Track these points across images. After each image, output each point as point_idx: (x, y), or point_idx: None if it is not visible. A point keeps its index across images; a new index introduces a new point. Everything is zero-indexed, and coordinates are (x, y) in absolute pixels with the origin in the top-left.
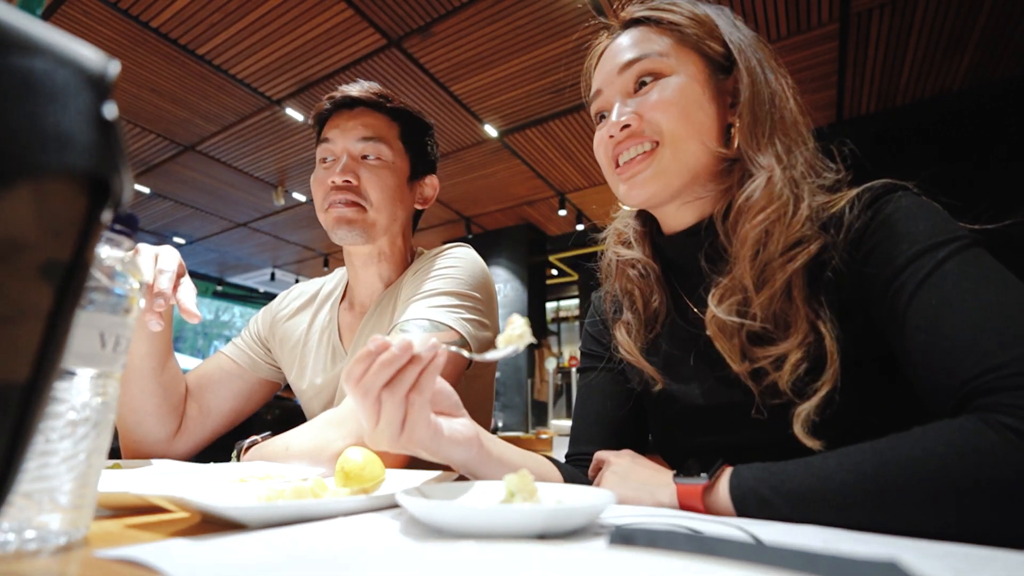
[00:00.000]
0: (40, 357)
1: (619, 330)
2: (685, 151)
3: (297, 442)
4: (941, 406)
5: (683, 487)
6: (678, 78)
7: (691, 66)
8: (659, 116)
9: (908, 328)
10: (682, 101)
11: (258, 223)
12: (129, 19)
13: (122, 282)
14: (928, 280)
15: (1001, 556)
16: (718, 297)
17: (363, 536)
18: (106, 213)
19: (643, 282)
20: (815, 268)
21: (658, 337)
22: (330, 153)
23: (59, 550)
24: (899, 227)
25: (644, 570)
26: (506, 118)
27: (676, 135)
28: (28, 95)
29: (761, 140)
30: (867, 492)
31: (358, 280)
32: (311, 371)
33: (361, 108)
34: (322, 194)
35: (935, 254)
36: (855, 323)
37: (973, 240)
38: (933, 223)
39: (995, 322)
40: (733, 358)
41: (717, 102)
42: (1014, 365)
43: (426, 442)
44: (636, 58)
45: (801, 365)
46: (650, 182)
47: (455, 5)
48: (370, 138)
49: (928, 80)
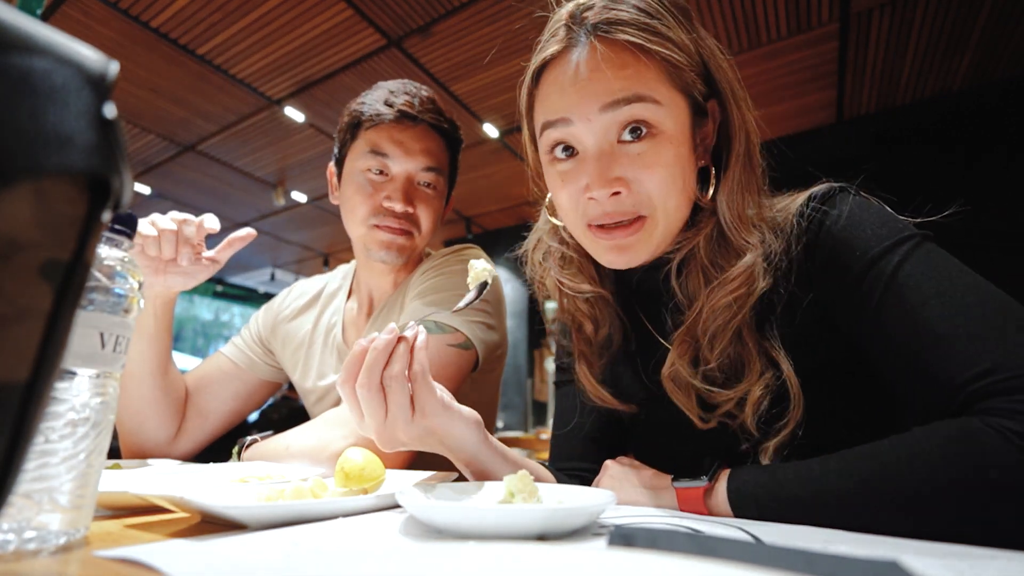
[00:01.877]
0: (40, 357)
1: (580, 369)
2: (675, 219)
3: (298, 442)
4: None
5: (683, 491)
6: (665, 136)
7: (679, 115)
8: (652, 188)
9: (884, 338)
10: (676, 169)
11: (258, 223)
12: (129, 19)
13: (122, 282)
14: (890, 288)
15: (1001, 556)
16: (678, 351)
17: (363, 536)
18: (106, 213)
19: (592, 310)
20: (763, 304)
21: (614, 363)
22: (385, 168)
23: (59, 550)
24: (847, 233)
25: (644, 570)
26: (506, 118)
27: (667, 207)
28: (28, 95)
29: (747, 210)
30: (867, 497)
31: (372, 282)
32: (316, 373)
33: (424, 128)
34: (369, 209)
35: (890, 258)
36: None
37: (921, 236)
38: (879, 224)
39: (972, 323)
40: (692, 412)
41: (696, 150)
42: (1007, 368)
43: (439, 414)
44: (627, 99)
45: (763, 402)
46: (639, 253)
47: (455, 5)
48: (433, 168)
49: (928, 80)
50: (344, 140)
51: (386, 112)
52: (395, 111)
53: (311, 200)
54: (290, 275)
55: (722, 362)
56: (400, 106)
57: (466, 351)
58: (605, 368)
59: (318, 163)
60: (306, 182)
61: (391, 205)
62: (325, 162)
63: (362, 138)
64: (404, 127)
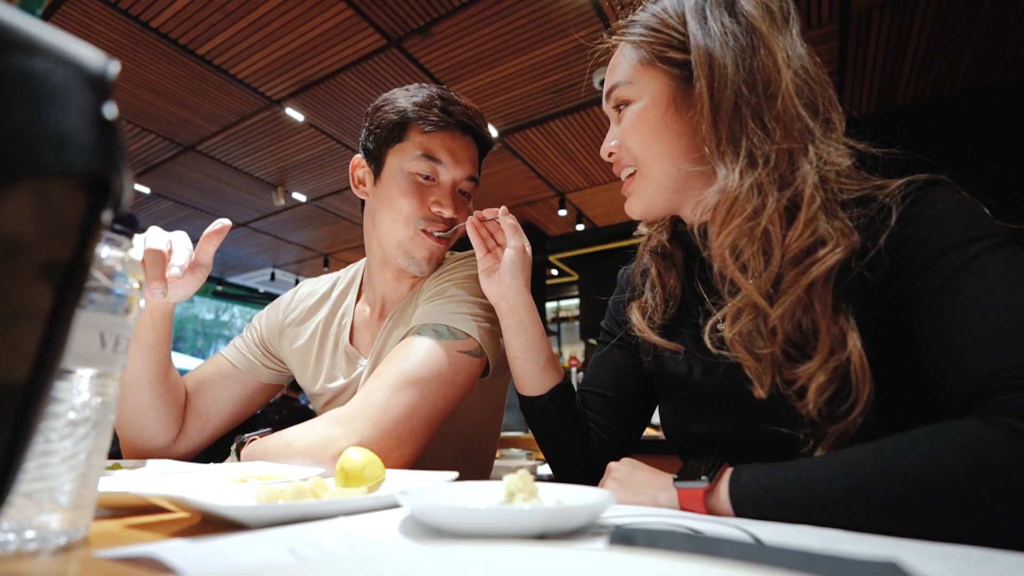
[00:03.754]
0: (40, 357)
1: (633, 309)
2: (656, 174)
3: (298, 440)
4: (948, 403)
5: (684, 491)
6: (638, 104)
7: (652, 85)
8: (634, 147)
9: (928, 322)
10: (641, 128)
11: (258, 223)
12: (129, 19)
13: (122, 282)
14: (956, 276)
15: (1001, 556)
16: (731, 318)
17: (363, 536)
18: (106, 213)
19: (661, 262)
20: (842, 275)
21: (675, 317)
22: (435, 175)
23: (59, 550)
24: (934, 221)
25: (644, 570)
26: (506, 118)
27: (644, 162)
28: (28, 95)
29: (722, 142)
30: (871, 498)
31: (387, 285)
32: (325, 375)
33: (470, 139)
34: (418, 213)
35: (966, 249)
36: (887, 330)
37: (1008, 238)
38: (968, 219)
39: (1018, 322)
40: (762, 382)
41: (683, 113)
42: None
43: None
44: (610, 88)
45: (827, 389)
46: (635, 202)
47: (455, 5)
48: (474, 178)
49: (928, 80)
50: (386, 138)
51: (445, 120)
52: (455, 120)
53: (311, 200)
54: (290, 275)
55: (789, 331)
56: (459, 115)
57: (476, 358)
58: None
59: (318, 163)
60: (306, 182)
61: (440, 211)
62: (325, 162)
63: (411, 140)
64: (456, 136)
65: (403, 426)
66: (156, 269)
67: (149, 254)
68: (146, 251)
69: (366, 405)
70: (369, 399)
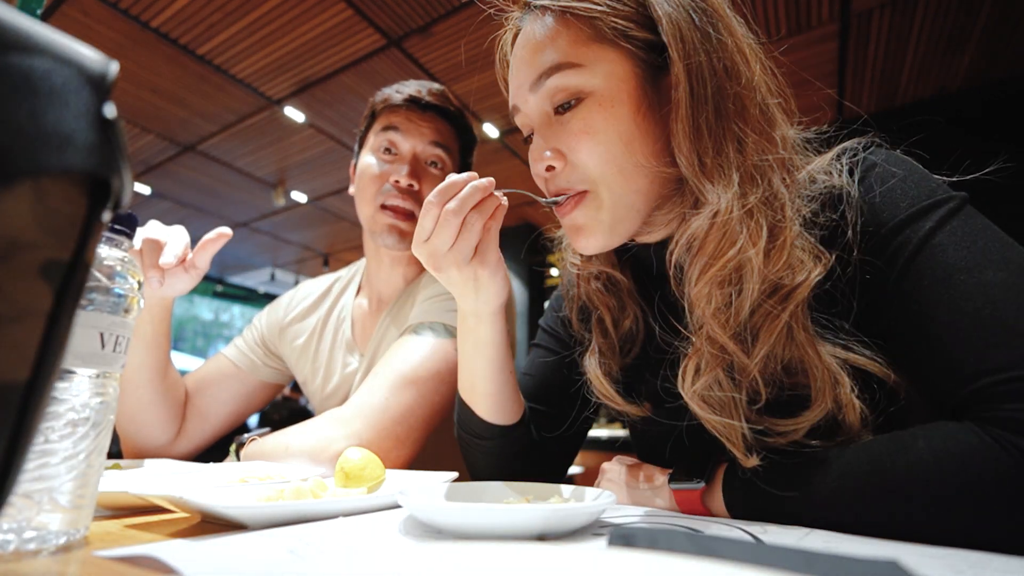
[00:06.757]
0: (40, 357)
1: (590, 366)
2: (628, 191)
3: (298, 441)
4: (940, 403)
5: (680, 493)
6: (602, 100)
7: (615, 73)
8: (586, 158)
9: (900, 314)
10: (612, 133)
11: (258, 223)
12: (129, 19)
13: (122, 282)
14: (918, 257)
15: (1000, 557)
16: (691, 375)
17: (363, 536)
18: (106, 213)
19: (609, 298)
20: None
21: (637, 361)
22: (395, 146)
23: (59, 550)
24: (878, 195)
25: (644, 570)
26: (506, 118)
27: (610, 178)
28: (28, 95)
29: (705, 158)
30: (865, 500)
31: (381, 277)
32: (325, 371)
33: (432, 114)
34: (376, 188)
35: (921, 224)
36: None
37: (959, 200)
38: (912, 184)
39: (995, 309)
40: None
41: (655, 111)
42: (1016, 368)
43: (493, 265)
44: (545, 71)
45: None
46: (594, 237)
47: (455, 5)
48: (440, 144)
49: (928, 80)
50: (364, 130)
51: (396, 96)
52: (405, 96)
53: (311, 200)
54: (290, 275)
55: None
56: (411, 93)
57: None
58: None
59: (318, 163)
60: (306, 182)
61: (398, 178)
62: (325, 162)
63: (377, 122)
64: (414, 110)
65: (401, 426)
66: (152, 257)
67: (146, 243)
68: (143, 240)
69: (364, 406)
70: (367, 400)
